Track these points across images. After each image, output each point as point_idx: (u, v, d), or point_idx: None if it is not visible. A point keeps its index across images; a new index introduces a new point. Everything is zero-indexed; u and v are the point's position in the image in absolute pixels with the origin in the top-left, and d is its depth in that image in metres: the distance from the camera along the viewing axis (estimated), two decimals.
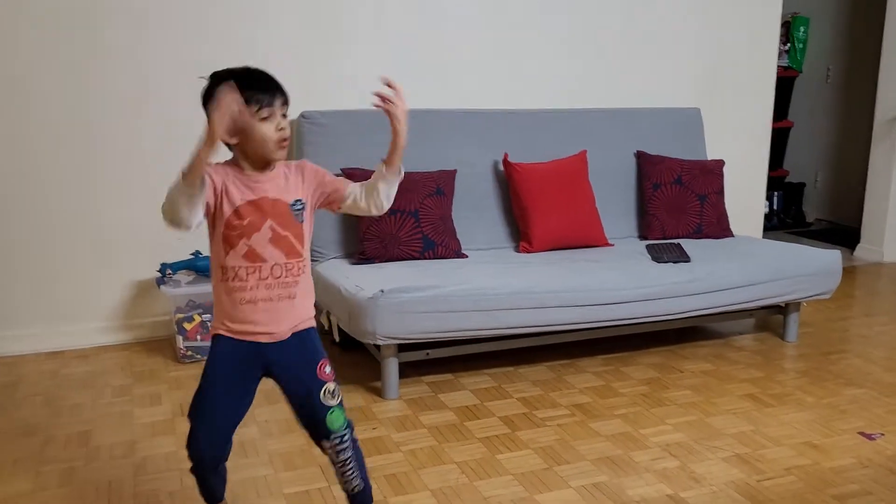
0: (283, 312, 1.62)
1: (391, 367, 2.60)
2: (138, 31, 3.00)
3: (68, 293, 3.07)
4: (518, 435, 2.33)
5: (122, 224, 3.09)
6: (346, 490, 1.73)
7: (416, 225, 2.97)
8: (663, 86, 3.92)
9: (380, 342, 2.52)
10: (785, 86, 5.44)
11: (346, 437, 1.65)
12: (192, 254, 3.05)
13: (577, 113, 3.59)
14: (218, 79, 1.54)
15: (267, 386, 2.18)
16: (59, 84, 2.94)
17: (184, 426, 2.39)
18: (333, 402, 1.64)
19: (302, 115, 3.10)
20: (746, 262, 3.06)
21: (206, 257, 3.03)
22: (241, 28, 3.12)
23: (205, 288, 2.91)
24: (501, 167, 3.33)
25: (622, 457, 2.20)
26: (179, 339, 2.92)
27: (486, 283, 2.65)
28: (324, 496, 1.97)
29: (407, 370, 2.71)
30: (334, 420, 1.64)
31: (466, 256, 3.07)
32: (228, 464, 1.76)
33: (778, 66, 4.26)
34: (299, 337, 1.65)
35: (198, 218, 1.54)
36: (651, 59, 3.87)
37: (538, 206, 3.20)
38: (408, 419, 2.45)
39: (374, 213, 1.72)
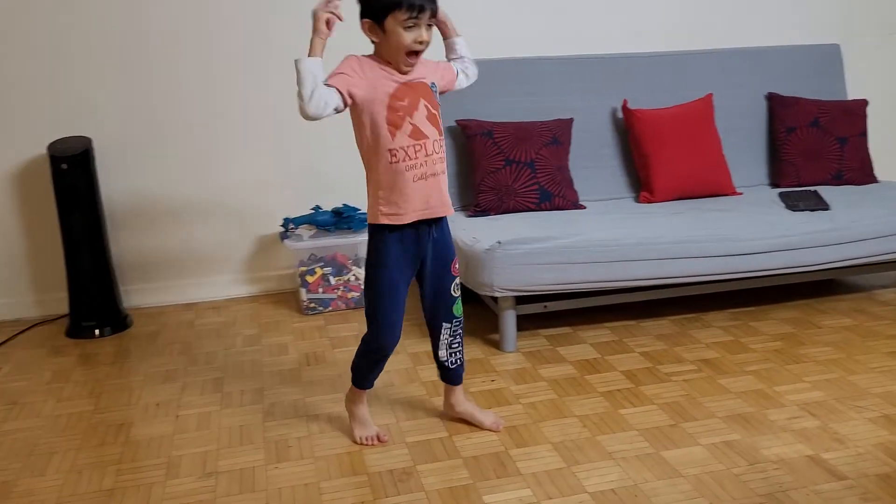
0: (441, 188, 1.84)
1: (509, 319, 2.57)
2: None
3: (202, 249, 3.24)
4: (642, 390, 2.26)
5: (247, 182, 3.21)
6: (451, 364, 2.02)
7: (532, 176, 2.90)
8: (797, 21, 3.61)
9: (497, 294, 2.49)
10: None
11: (461, 322, 2.00)
12: (313, 208, 3.13)
13: (702, 54, 3.36)
14: None
15: None
16: (182, 43, 3.05)
17: (308, 375, 2.48)
18: (458, 294, 1.97)
19: None
20: (894, 208, 2.80)
21: (326, 212, 3.10)
22: None
23: (325, 242, 2.98)
24: (620, 114, 3.18)
25: (755, 415, 2.08)
26: (303, 291, 3.02)
27: (606, 234, 2.56)
28: (444, 445, 1.99)
29: (524, 323, 2.68)
30: (458, 308, 1.98)
31: (584, 207, 2.97)
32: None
33: None
34: (443, 228, 1.91)
35: (328, 106, 1.68)
36: None
37: (660, 154, 3.04)
38: (526, 372, 2.42)
39: (470, 83, 2.00)
